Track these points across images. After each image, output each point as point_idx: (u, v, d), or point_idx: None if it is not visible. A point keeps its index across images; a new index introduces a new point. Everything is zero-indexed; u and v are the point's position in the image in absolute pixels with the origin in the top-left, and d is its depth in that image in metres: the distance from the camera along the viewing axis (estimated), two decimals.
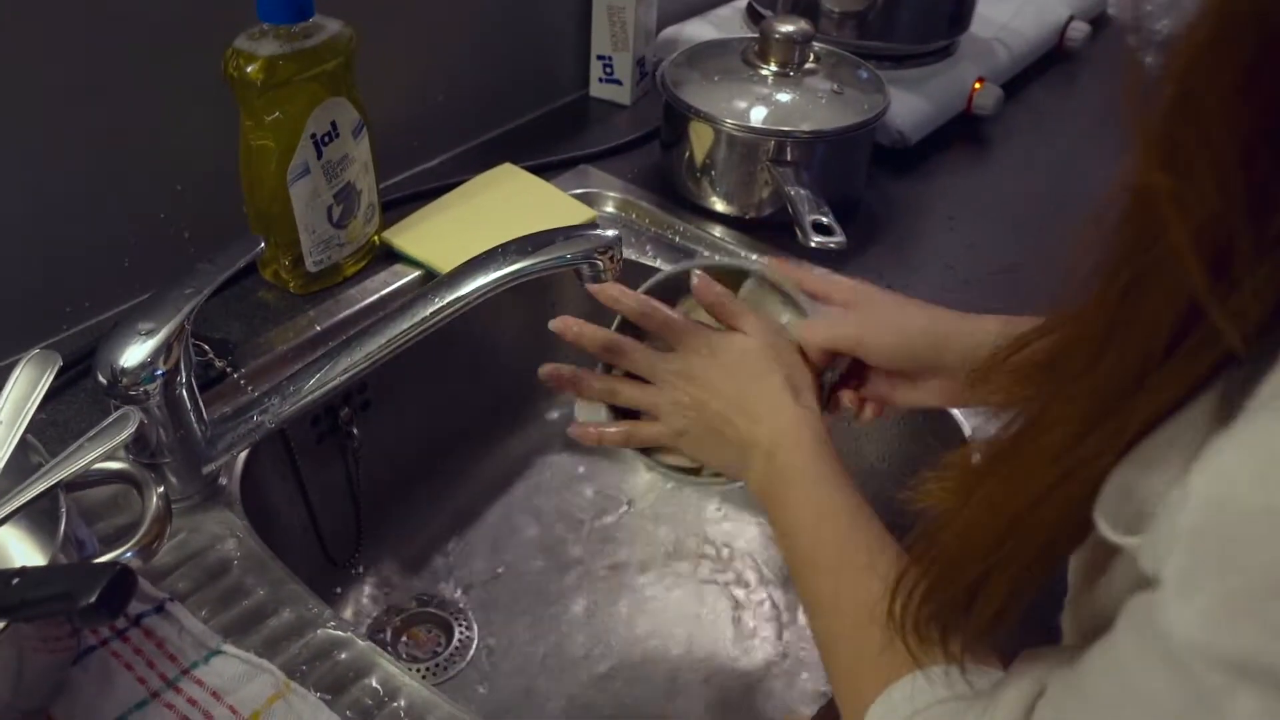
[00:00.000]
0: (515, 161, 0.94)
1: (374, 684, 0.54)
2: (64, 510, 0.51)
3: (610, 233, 0.60)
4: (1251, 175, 0.27)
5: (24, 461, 0.53)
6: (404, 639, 0.80)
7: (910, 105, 1.02)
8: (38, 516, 0.54)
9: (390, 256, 0.84)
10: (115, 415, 0.52)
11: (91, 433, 0.52)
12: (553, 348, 0.95)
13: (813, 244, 0.82)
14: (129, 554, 0.52)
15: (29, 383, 0.54)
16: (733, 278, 0.67)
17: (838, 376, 0.64)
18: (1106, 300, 0.32)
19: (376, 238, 0.83)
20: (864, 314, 0.63)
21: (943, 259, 0.91)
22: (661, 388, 0.63)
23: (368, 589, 0.83)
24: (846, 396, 0.64)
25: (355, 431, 0.79)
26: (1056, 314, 0.36)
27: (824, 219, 0.84)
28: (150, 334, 0.57)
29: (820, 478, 0.56)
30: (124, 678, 0.54)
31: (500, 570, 0.86)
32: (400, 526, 0.86)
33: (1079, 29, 1.27)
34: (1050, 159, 1.10)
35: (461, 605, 0.83)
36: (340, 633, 0.57)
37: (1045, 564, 0.36)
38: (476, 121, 1.00)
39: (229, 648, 0.55)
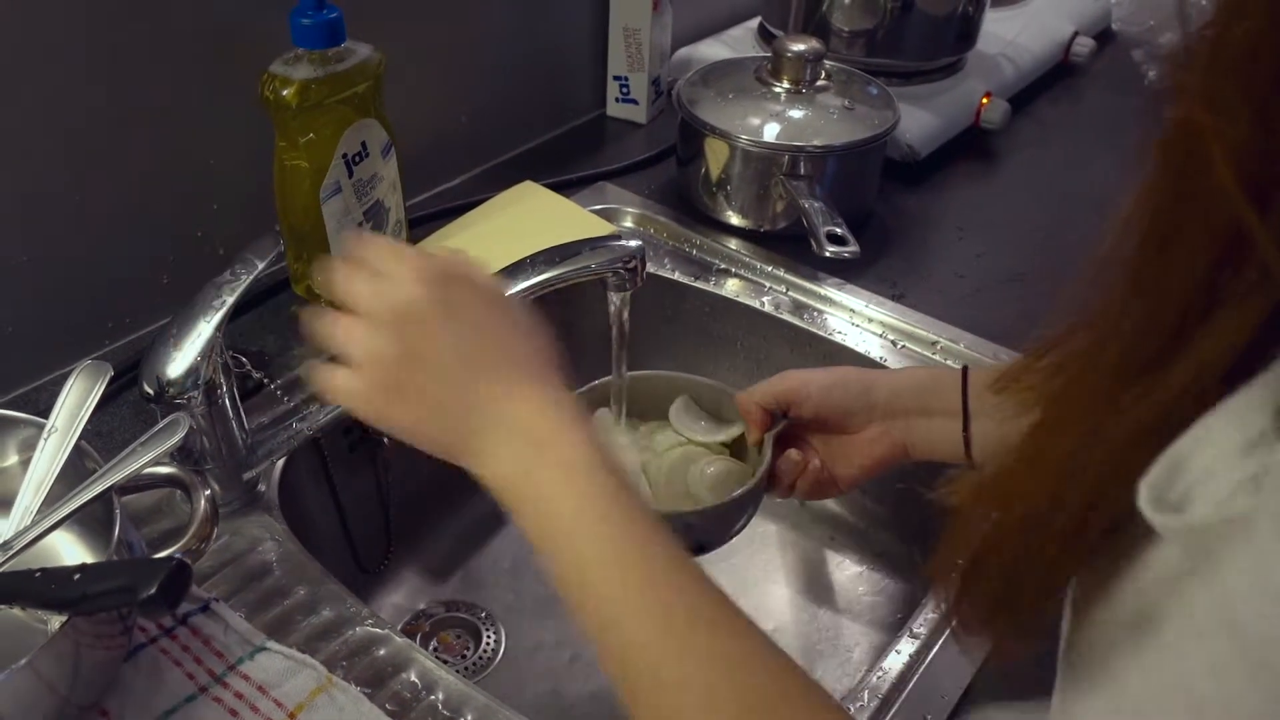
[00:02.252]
0: (536, 179, 0.97)
1: (412, 678, 0.57)
2: (118, 513, 0.53)
3: (634, 243, 0.63)
4: None
5: (79, 467, 0.55)
6: (433, 644, 0.83)
7: (919, 120, 1.05)
8: (90, 521, 0.57)
9: None
10: (166, 421, 0.55)
11: (143, 438, 0.55)
12: (573, 362, 0.98)
13: (827, 254, 0.85)
14: (178, 554, 0.55)
15: (82, 392, 0.57)
16: (662, 389, 0.70)
17: (775, 437, 0.64)
18: (1149, 243, 0.31)
19: None
20: (790, 371, 0.65)
21: (953, 268, 0.93)
22: (361, 320, 0.46)
23: (397, 595, 0.85)
24: (790, 456, 0.63)
25: (386, 440, 0.81)
26: (1085, 316, 0.36)
27: (838, 230, 0.86)
28: (188, 345, 0.60)
29: (602, 481, 0.44)
30: (173, 673, 0.56)
31: (526, 576, 0.88)
32: (428, 533, 0.89)
33: (1084, 44, 1.30)
34: (1057, 170, 1.13)
35: (489, 610, 0.85)
36: (378, 630, 0.59)
37: (1090, 531, 0.34)
38: (498, 141, 1.03)
39: (273, 644, 0.57)
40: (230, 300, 0.61)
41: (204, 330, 0.60)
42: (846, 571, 0.88)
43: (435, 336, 0.46)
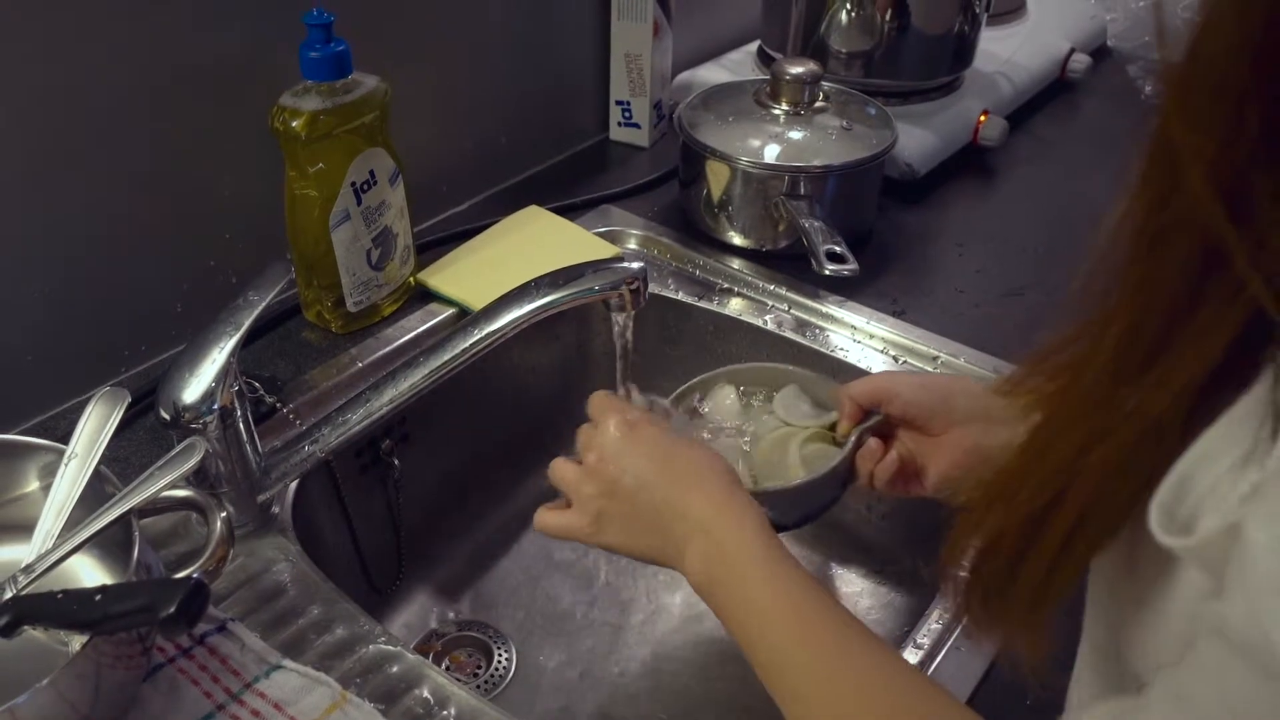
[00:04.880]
0: (541, 203, 0.99)
1: (425, 694, 0.58)
2: (137, 535, 0.54)
3: (636, 265, 0.64)
4: (1264, 127, 0.28)
5: (98, 491, 0.57)
6: (445, 662, 0.84)
7: (917, 138, 1.06)
8: (109, 544, 0.58)
9: (425, 296, 0.88)
10: (182, 445, 0.56)
11: (161, 462, 0.56)
12: (583, 382, 1.00)
13: (827, 271, 0.86)
14: (196, 575, 0.56)
15: (100, 418, 0.59)
16: (767, 378, 0.72)
17: (867, 429, 0.67)
18: (1134, 255, 0.33)
19: (412, 279, 0.88)
20: (885, 372, 0.68)
21: (953, 284, 0.94)
22: (582, 468, 0.59)
23: (409, 614, 0.87)
24: (873, 441, 0.66)
25: (397, 462, 0.82)
26: (1085, 319, 0.37)
27: (837, 248, 0.88)
28: (203, 370, 0.62)
29: (779, 557, 0.51)
30: (191, 692, 0.57)
31: (536, 595, 0.89)
32: (439, 553, 0.90)
33: (1080, 61, 1.31)
34: (1054, 186, 1.14)
35: (499, 629, 0.86)
36: (391, 647, 0.60)
37: (1090, 530, 0.36)
38: (503, 166, 1.05)
39: (288, 662, 0.58)
40: (243, 327, 0.63)
41: (218, 357, 0.62)
42: (852, 585, 0.89)
43: (626, 467, 0.57)
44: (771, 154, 0.93)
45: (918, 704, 0.46)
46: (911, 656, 0.61)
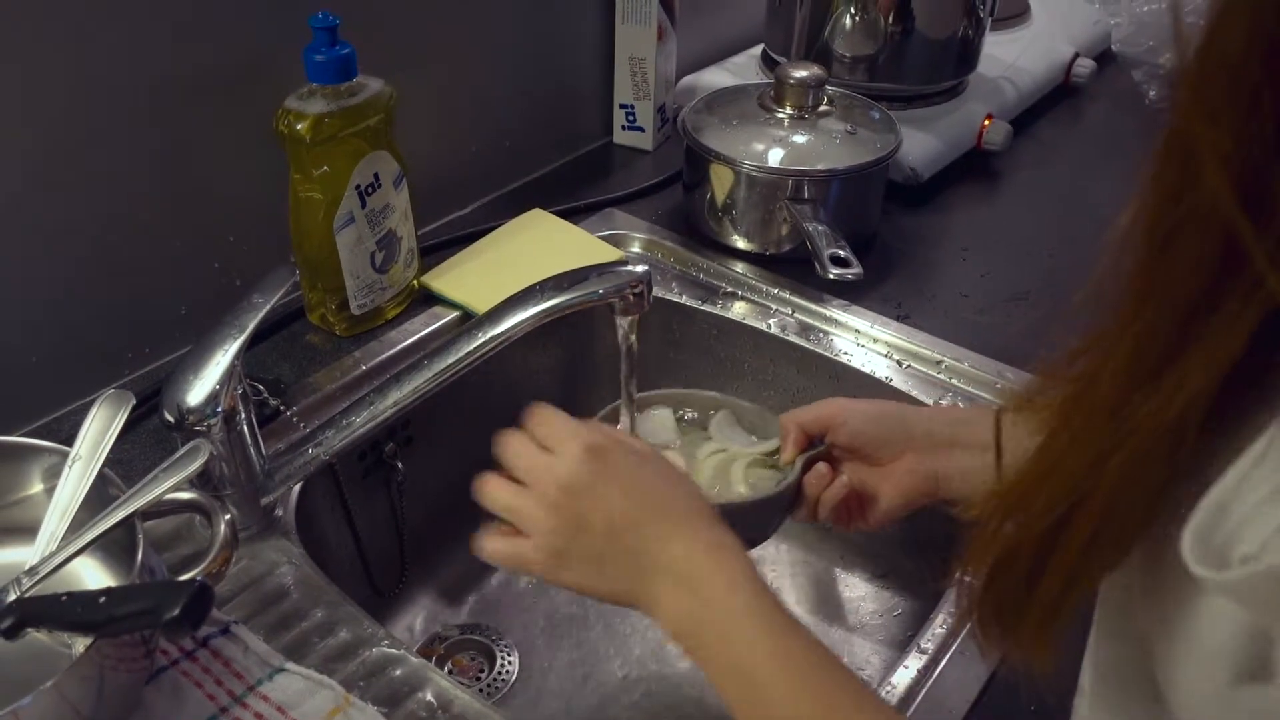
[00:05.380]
0: (544, 207, 0.99)
1: (428, 698, 0.58)
2: (140, 538, 0.54)
3: (640, 268, 0.64)
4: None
5: (102, 493, 0.57)
6: (448, 666, 0.83)
7: (921, 143, 1.06)
8: (113, 547, 0.58)
9: (429, 299, 0.88)
10: (187, 447, 0.56)
11: (165, 464, 0.56)
12: (583, 386, 1.00)
13: (831, 276, 0.86)
14: (200, 578, 0.56)
15: (105, 420, 0.59)
16: (699, 404, 0.71)
17: (813, 456, 0.64)
18: (1147, 256, 0.32)
19: (416, 281, 0.88)
20: (830, 399, 0.65)
21: (957, 288, 0.94)
22: (531, 491, 0.52)
23: (412, 618, 0.87)
24: (822, 465, 0.63)
25: (400, 465, 0.82)
26: (1096, 328, 0.36)
27: (841, 252, 0.88)
28: (207, 373, 0.62)
29: (768, 612, 0.48)
30: (194, 695, 0.57)
31: (539, 599, 0.89)
32: (442, 557, 0.90)
33: (1085, 65, 1.31)
34: (1059, 190, 1.14)
35: (503, 633, 0.86)
36: (394, 650, 0.60)
37: (1106, 542, 0.35)
38: (507, 169, 1.05)
39: (291, 665, 0.58)
40: (248, 330, 0.63)
41: (222, 359, 0.62)
42: (857, 590, 0.89)
43: (597, 503, 0.51)
44: (775, 158, 0.93)
45: None
46: (915, 662, 0.61)
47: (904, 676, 0.60)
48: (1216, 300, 0.30)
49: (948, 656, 0.61)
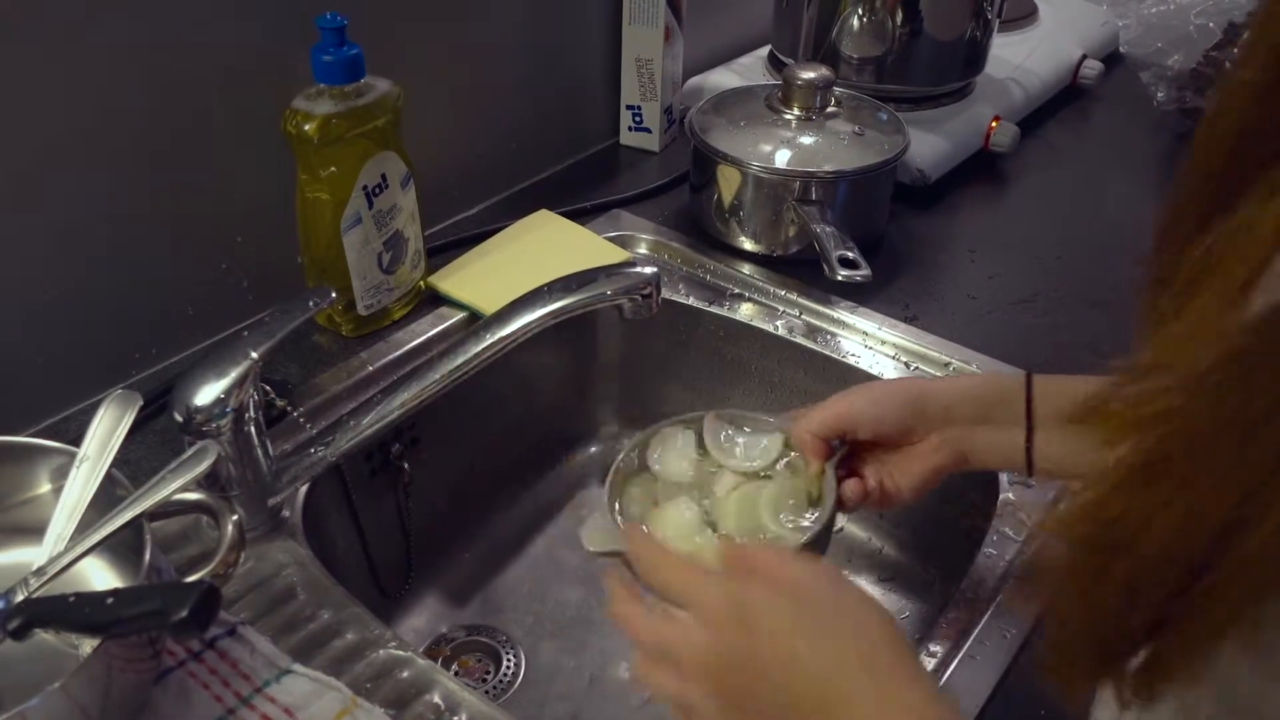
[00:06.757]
0: (551, 207, 0.99)
1: (436, 699, 0.57)
2: (148, 539, 0.54)
3: (649, 269, 0.64)
4: None
5: (110, 494, 0.56)
6: (454, 667, 0.83)
7: (929, 144, 1.06)
8: (120, 548, 0.58)
9: (436, 300, 0.88)
10: (195, 448, 0.56)
11: (173, 465, 0.56)
12: (590, 387, 1.00)
13: (839, 278, 0.86)
14: (207, 579, 0.56)
15: (113, 421, 0.59)
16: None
17: (838, 462, 0.61)
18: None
19: (423, 282, 0.88)
20: (840, 395, 0.62)
21: (965, 290, 0.94)
22: (694, 620, 0.45)
23: (418, 619, 0.86)
24: (850, 486, 0.61)
25: (406, 466, 0.82)
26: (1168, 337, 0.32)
27: (850, 254, 0.87)
28: (223, 374, 0.62)
29: None
30: (201, 696, 0.57)
31: (545, 600, 0.89)
32: (448, 558, 0.90)
33: (1092, 67, 1.31)
34: (1067, 192, 1.14)
35: (508, 634, 0.86)
36: (401, 652, 0.60)
37: (1210, 587, 0.29)
38: (514, 170, 1.05)
39: (299, 667, 0.58)
40: (278, 334, 0.62)
41: (241, 361, 0.61)
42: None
43: (751, 687, 0.42)
44: (783, 159, 0.93)
45: None
46: (925, 664, 0.60)
47: None
48: None
49: (957, 660, 0.60)
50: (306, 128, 0.73)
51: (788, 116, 0.96)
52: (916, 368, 0.84)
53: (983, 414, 0.60)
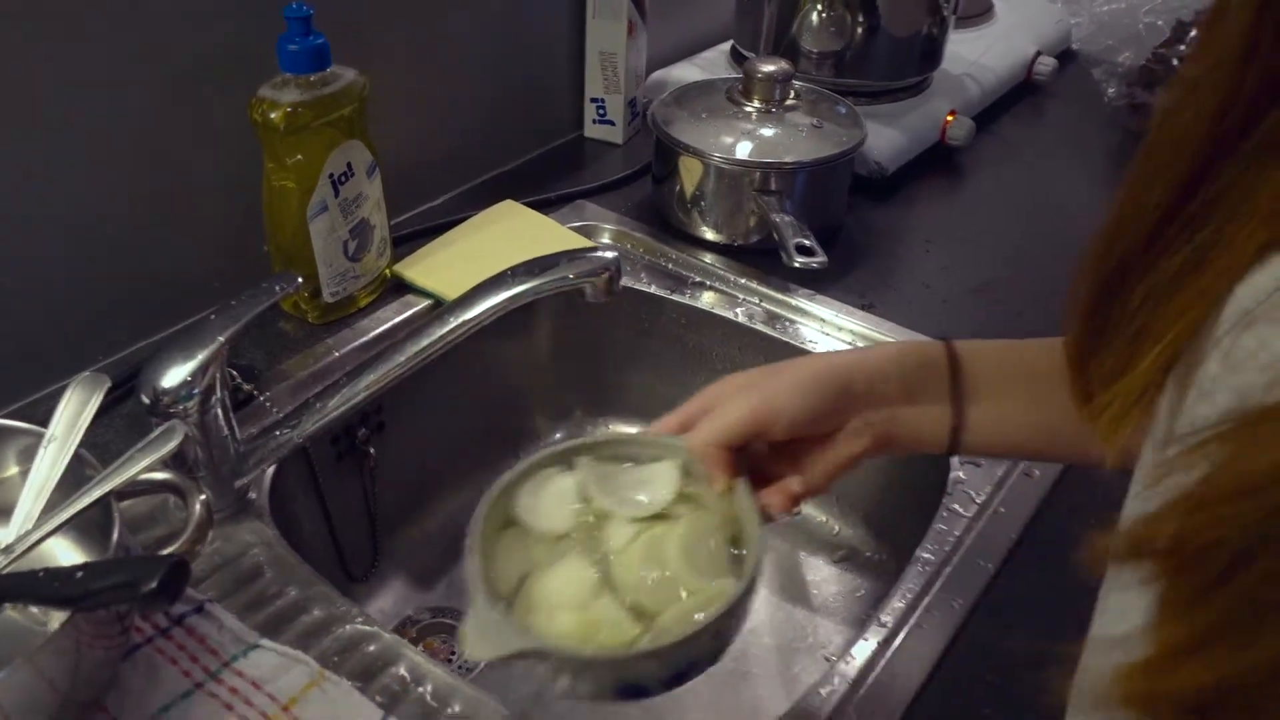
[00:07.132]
0: (516, 198, 1.00)
1: (402, 672, 0.59)
2: (116, 517, 0.55)
3: (610, 254, 0.66)
4: None
5: (78, 474, 0.57)
6: (420, 649, 0.84)
7: (886, 137, 1.09)
8: (88, 527, 0.59)
9: (401, 288, 0.89)
10: (162, 428, 0.57)
11: (140, 444, 0.57)
12: (554, 373, 1.01)
13: (796, 264, 0.88)
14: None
15: (80, 402, 0.59)
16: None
17: (746, 475, 0.51)
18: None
19: (388, 270, 0.89)
20: (742, 389, 0.53)
21: (920, 279, 0.97)
22: None
23: (384, 601, 0.88)
24: (772, 497, 0.51)
25: (372, 451, 0.83)
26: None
27: (806, 241, 0.90)
28: (190, 357, 0.62)
29: None
30: (169, 671, 0.58)
31: None
32: (414, 542, 0.91)
33: (1046, 63, 1.34)
34: (1020, 185, 1.17)
35: None
36: (367, 627, 0.61)
37: None
38: (479, 161, 1.06)
39: (266, 642, 0.59)
40: (243, 318, 0.63)
41: (208, 345, 0.62)
42: (819, 573, 0.91)
43: None
44: (743, 150, 0.95)
45: None
46: (875, 636, 0.62)
47: (864, 649, 0.61)
48: None
49: (907, 628, 0.63)
50: (272, 116, 0.74)
51: (748, 109, 0.98)
52: None
53: (907, 391, 0.54)
